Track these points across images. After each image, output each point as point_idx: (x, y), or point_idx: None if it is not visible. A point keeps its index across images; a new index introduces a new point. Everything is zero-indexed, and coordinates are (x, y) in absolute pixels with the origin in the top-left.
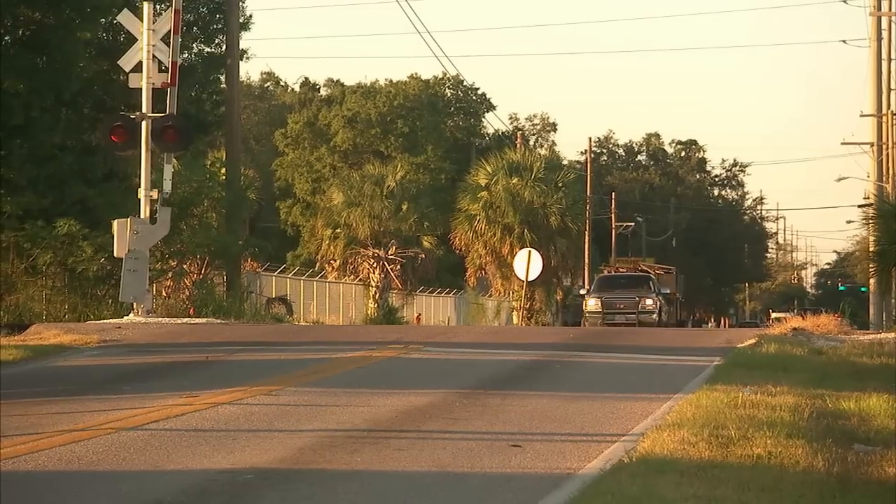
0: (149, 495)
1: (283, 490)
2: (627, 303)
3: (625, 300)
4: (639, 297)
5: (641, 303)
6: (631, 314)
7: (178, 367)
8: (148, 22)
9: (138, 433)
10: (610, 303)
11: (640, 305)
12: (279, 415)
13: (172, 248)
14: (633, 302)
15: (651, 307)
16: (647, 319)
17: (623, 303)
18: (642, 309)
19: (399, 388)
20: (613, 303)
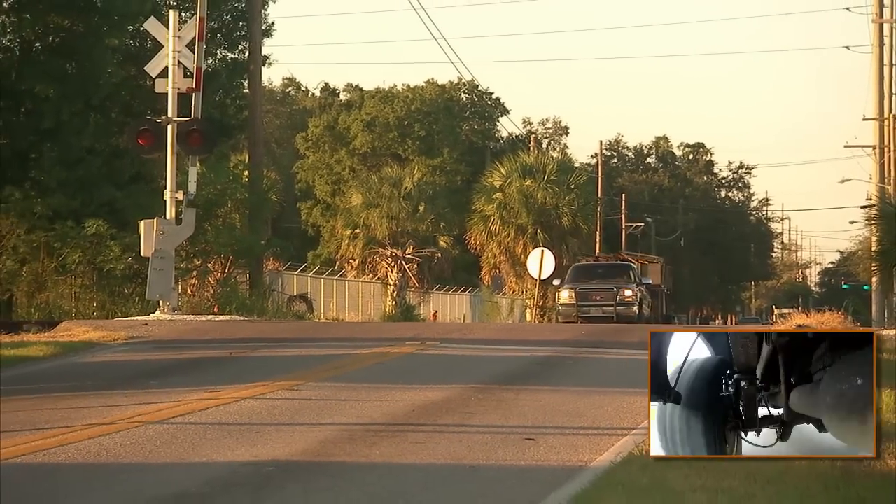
0: (175, 486)
1: (304, 482)
2: (604, 294)
3: (601, 291)
4: (617, 287)
5: (620, 294)
6: (608, 307)
7: (202, 363)
8: (173, 29)
9: (164, 426)
10: (585, 294)
11: (618, 297)
12: (300, 409)
13: (197, 247)
14: (610, 293)
15: (630, 299)
16: (626, 312)
17: (599, 294)
18: (620, 301)
19: (416, 384)
20: (589, 294)
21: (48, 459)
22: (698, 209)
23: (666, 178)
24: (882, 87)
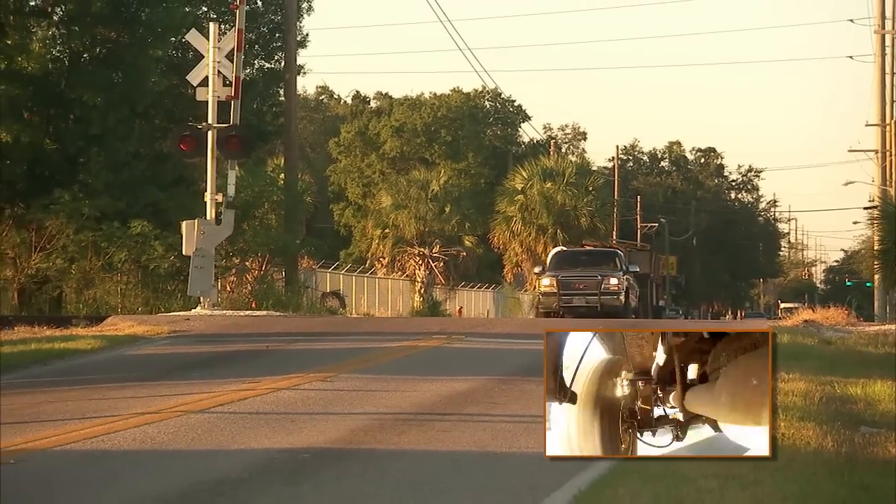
0: (215, 472)
1: (337, 468)
2: (588, 282)
3: (585, 279)
4: (602, 276)
5: (605, 282)
6: (592, 296)
7: (241, 356)
8: (214, 40)
9: (205, 416)
10: (567, 282)
11: (602, 286)
12: (333, 399)
13: (236, 246)
14: (594, 281)
15: (616, 288)
16: (610, 302)
17: (583, 282)
18: (605, 290)
19: (443, 375)
20: (571, 282)
21: (96, 446)
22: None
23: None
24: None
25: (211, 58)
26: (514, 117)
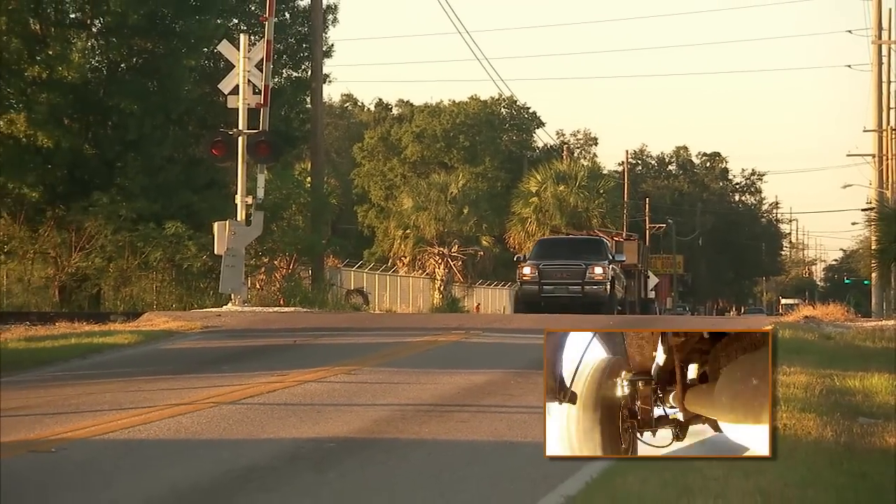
0: (246, 460)
1: (361, 456)
2: (571, 271)
3: (568, 268)
4: (586, 264)
5: (588, 271)
6: (575, 285)
7: (270, 350)
8: (244, 51)
9: (236, 406)
10: (549, 271)
11: (586, 275)
12: (357, 391)
13: (265, 246)
14: (578, 270)
15: (600, 277)
16: (594, 292)
17: (565, 271)
18: (589, 279)
19: (461, 369)
20: (553, 271)
21: (133, 436)
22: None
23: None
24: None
25: (241, 67)
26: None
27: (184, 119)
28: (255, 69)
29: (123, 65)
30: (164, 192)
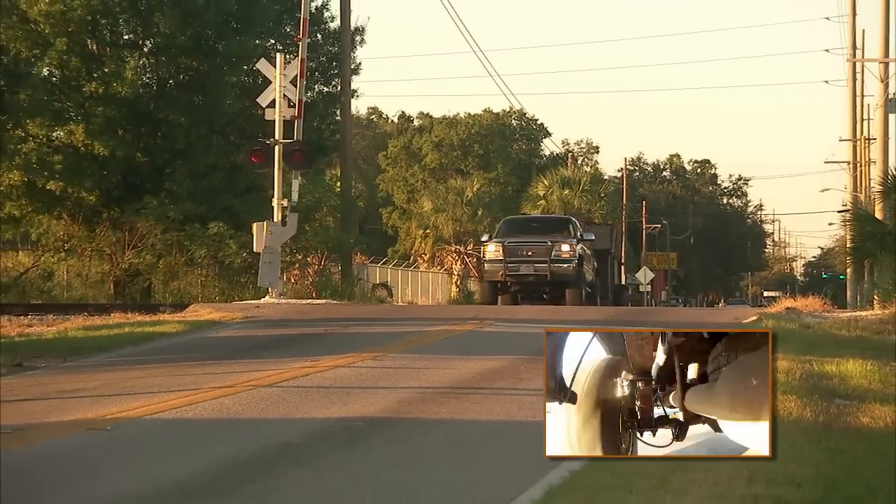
0: (282, 437)
1: (386, 434)
2: (537, 249)
3: (534, 247)
4: (552, 242)
5: (555, 249)
6: (541, 264)
7: (303, 338)
8: (280, 68)
9: (273, 389)
10: (514, 250)
11: (552, 253)
12: (383, 375)
13: (299, 244)
14: (544, 248)
15: (567, 255)
16: (560, 271)
17: (531, 249)
18: (556, 257)
19: (476, 355)
20: (519, 250)
21: (180, 416)
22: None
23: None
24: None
25: (278, 83)
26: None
27: (226, 130)
28: (290, 85)
29: (171, 81)
30: (208, 195)
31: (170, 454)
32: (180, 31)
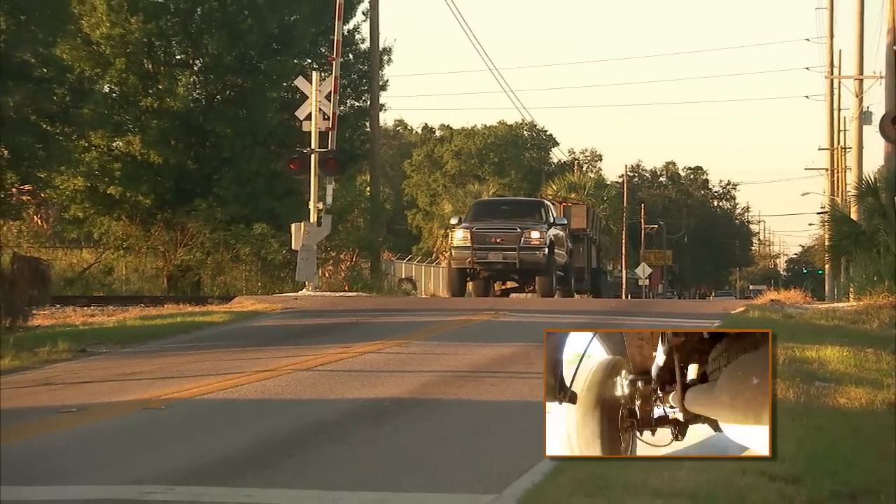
0: (317, 416)
1: (411, 413)
2: (506, 236)
3: (503, 233)
4: (521, 228)
5: (524, 236)
6: (510, 251)
7: (337, 327)
8: (316, 85)
9: (310, 373)
10: (482, 235)
11: (522, 239)
12: (408, 360)
13: (332, 242)
14: (513, 235)
15: (537, 242)
16: (530, 258)
17: (500, 236)
18: (525, 244)
19: (492, 342)
20: (487, 235)
21: (227, 396)
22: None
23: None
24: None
25: (313, 98)
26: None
27: (267, 140)
28: (324, 100)
29: (219, 96)
30: (251, 199)
31: (217, 431)
32: (227, 52)
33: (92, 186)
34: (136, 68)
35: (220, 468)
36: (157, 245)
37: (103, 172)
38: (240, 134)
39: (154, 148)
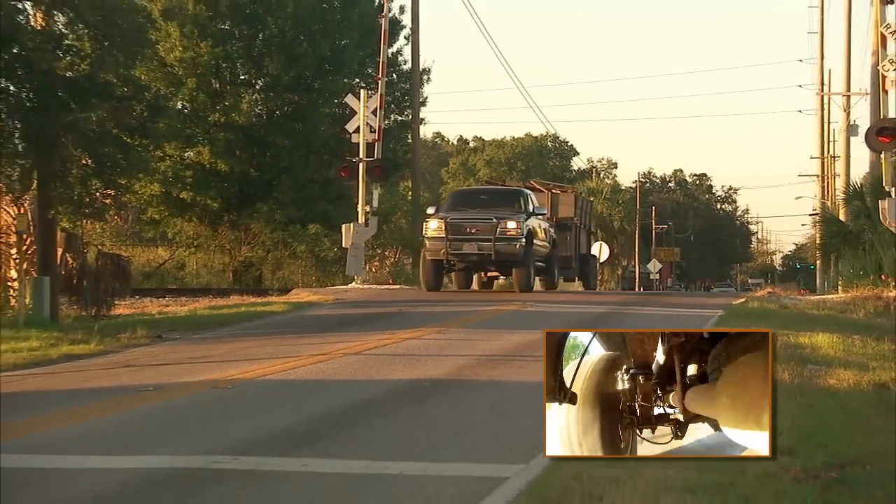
0: (366, 395)
1: (448, 392)
2: (482, 226)
3: (478, 223)
4: (498, 218)
5: (501, 226)
6: (485, 241)
7: (382, 316)
8: (363, 102)
9: (358, 356)
10: (457, 226)
11: (498, 229)
12: (445, 345)
13: (378, 241)
14: (489, 225)
15: (513, 233)
16: (506, 249)
17: (476, 226)
18: (501, 234)
19: (519, 329)
20: (462, 226)
21: (286, 377)
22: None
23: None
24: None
25: (361, 114)
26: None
27: (321, 150)
28: (371, 115)
29: (278, 112)
30: (306, 202)
31: (277, 408)
32: (285, 73)
33: (166, 192)
34: (205, 87)
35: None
36: (223, 243)
37: (176, 179)
38: (296, 145)
39: (221, 157)
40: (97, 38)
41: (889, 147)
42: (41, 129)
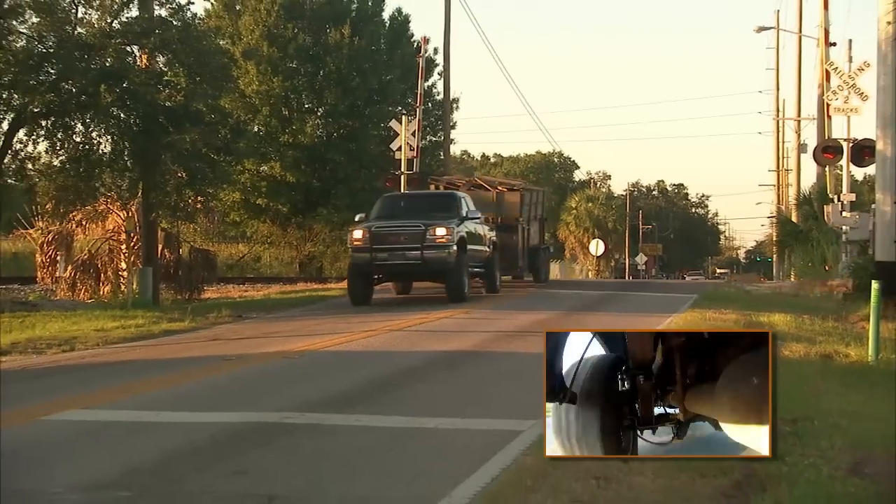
0: (406, 364)
1: (473, 361)
2: (409, 234)
3: (405, 231)
4: (426, 225)
5: (429, 233)
6: (413, 251)
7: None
8: (404, 125)
9: (401, 332)
10: (382, 235)
11: (426, 237)
12: (471, 324)
13: None
14: (417, 233)
15: (444, 240)
16: (435, 257)
17: (402, 234)
18: (429, 242)
19: (531, 310)
20: (387, 235)
21: (341, 349)
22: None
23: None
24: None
25: (403, 135)
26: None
27: (370, 165)
28: (411, 136)
29: (335, 134)
30: (359, 207)
31: (335, 374)
32: (341, 102)
33: (245, 199)
34: (276, 114)
35: (337, 400)
36: (291, 240)
37: (253, 188)
38: (350, 161)
39: (289, 171)
40: (190, 75)
41: (832, 162)
42: (145, 148)
